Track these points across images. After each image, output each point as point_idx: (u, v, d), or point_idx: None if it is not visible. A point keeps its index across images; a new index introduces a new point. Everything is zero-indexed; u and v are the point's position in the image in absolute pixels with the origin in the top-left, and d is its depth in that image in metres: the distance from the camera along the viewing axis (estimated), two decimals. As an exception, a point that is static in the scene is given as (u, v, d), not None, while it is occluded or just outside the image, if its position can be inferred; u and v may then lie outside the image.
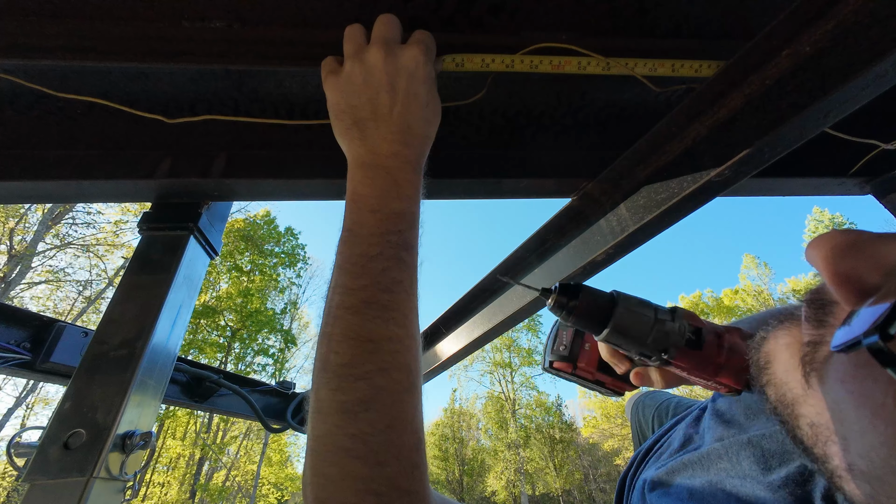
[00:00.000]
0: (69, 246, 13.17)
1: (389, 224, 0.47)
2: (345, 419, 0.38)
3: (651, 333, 0.45)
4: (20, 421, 14.15)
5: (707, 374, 0.45)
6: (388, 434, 0.38)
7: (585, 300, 0.46)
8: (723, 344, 0.45)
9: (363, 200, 0.48)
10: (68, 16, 0.54)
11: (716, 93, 0.51)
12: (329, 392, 0.40)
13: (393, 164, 0.50)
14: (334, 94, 0.52)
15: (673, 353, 0.45)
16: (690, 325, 0.46)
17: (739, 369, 0.44)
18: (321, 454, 0.39)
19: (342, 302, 0.44)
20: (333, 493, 0.37)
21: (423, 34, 0.53)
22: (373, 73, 0.50)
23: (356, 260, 0.45)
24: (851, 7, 0.40)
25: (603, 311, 0.46)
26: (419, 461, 0.39)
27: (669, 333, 0.45)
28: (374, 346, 0.41)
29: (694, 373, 0.46)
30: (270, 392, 1.56)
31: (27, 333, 1.01)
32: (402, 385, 0.41)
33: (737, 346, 0.45)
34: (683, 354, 0.45)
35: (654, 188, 0.59)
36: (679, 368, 0.46)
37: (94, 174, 0.70)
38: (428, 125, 0.53)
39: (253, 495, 15.99)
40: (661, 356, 0.45)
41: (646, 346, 0.45)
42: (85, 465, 0.59)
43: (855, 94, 0.41)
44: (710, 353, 0.45)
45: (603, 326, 0.45)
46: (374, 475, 0.37)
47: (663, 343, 0.45)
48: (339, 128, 0.53)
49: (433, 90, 0.53)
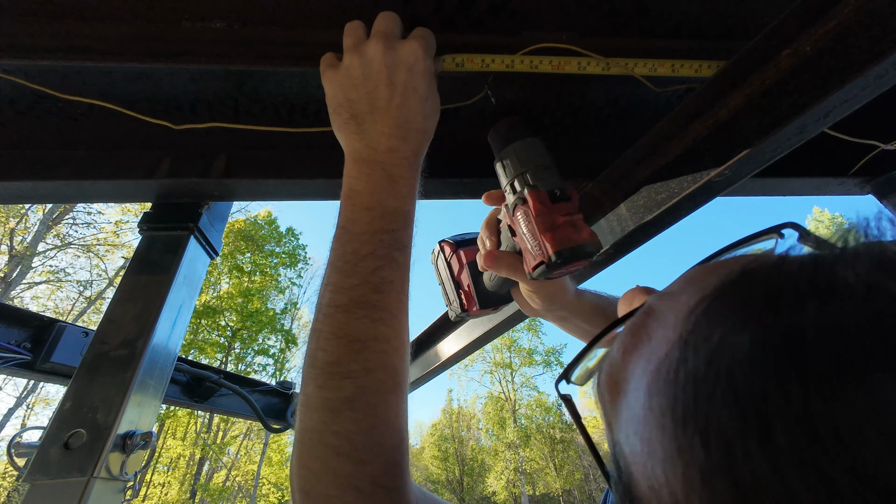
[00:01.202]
0: (70, 246, 13.17)
1: (383, 222, 0.47)
2: (330, 416, 0.40)
3: (535, 162, 0.53)
4: (21, 421, 14.16)
5: (542, 226, 0.49)
6: (370, 433, 0.39)
7: (512, 122, 0.56)
8: (572, 218, 0.49)
9: (358, 197, 0.48)
10: (68, 16, 0.54)
11: (716, 93, 0.51)
12: (316, 388, 0.41)
13: (390, 161, 0.49)
14: (332, 87, 0.52)
15: (538, 186, 0.51)
16: (567, 189, 0.52)
17: (563, 241, 0.48)
18: (307, 448, 0.40)
19: (332, 300, 0.44)
20: (316, 485, 0.38)
21: (423, 31, 0.52)
22: (371, 66, 0.49)
23: (348, 258, 0.46)
24: (852, 7, 0.40)
25: (517, 133, 0.55)
26: (401, 459, 0.40)
27: (547, 173, 0.52)
28: (362, 345, 0.42)
29: (533, 218, 0.49)
30: (271, 392, 1.56)
31: (28, 333, 1.02)
32: (386, 385, 0.42)
33: (579, 225, 0.49)
34: (540, 197, 0.50)
35: (654, 188, 0.59)
36: (524, 210, 0.51)
37: (94, 174, 0.70)
38: (426, 120, 0.53)
39: (253, 495, 15.99)
40: (527, 185, 0.52)
41: (527, 167, 0.53)
42: (85, 465, 0.59)
43: (855, 94, 0.41)
44: (557, 212, 0.50)
45: (508, 143, 0.55)
46: (356, 472, 0.38)
47: (539, 176, 0.52)
48: (337, 122, 0.52)
49: (433, 85, 0.53)
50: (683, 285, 0.25)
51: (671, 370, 0.19)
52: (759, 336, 0.16)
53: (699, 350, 0.18)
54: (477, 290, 0.69)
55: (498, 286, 0.67)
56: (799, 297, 0.16)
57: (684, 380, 0.18)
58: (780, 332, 0.16)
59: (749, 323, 0.17)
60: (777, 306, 0.17)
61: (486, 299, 0.70)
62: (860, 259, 0.17)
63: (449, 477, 23.43)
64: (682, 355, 0.19)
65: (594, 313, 0.68)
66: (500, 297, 0.70)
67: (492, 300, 0.70)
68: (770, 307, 0.17)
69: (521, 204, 0.51)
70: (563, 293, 0.64)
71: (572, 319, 0.69)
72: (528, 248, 0.51)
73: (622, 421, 0.22)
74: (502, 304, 0.72)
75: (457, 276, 0.71)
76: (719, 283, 0.21)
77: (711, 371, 0.17)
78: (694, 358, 0.18)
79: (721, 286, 0.20)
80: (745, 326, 0.17)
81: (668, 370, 0.19)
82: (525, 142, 0.55)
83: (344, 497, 0.37)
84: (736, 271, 0.20)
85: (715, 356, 0.17)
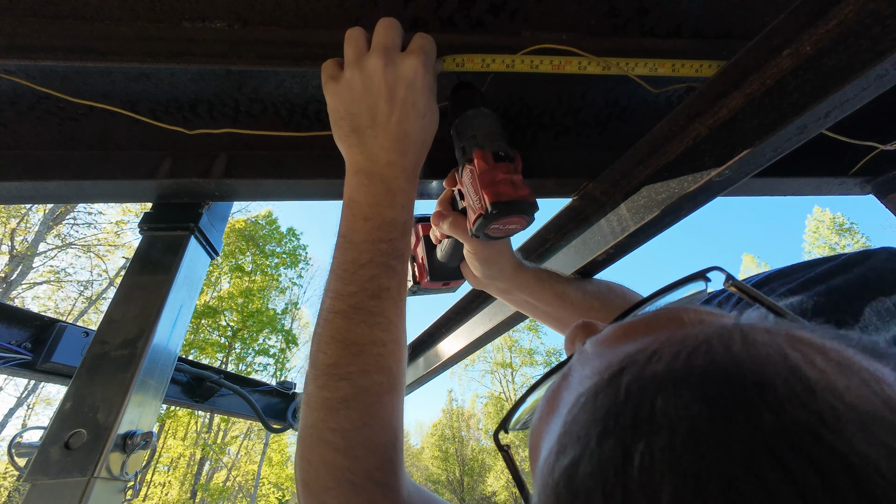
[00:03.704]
0: (70, 246, 13.19)
1: (381, 232, 0.50)
2: (328, 414, 0.42)
3: (485, 129, 0.56)
4: (21, 421, 14.17)
5: (483, 181, 0.52)
6: (365, 431, 0.42)
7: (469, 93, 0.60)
8: (512, 177, 0.53)
9: (358, 207, 0.51)
10: (69, 16, 0.54)
11: (716, 92, 0.51)
12: (316, 388, 0.44)
13: (389, 174, 0.51)
14: (334, 100, 0.53)
15: (485, 147, 0.54)
16: (512, 152, 0.55)
17: (501, 194, 0.51)
18: (307, 443, 0.43)
19: (332, 306, 0.47)
20: (315, 477, 0.41)
21: (424, 40, 0.52)
22: (372, 81, 0.50)
23: (347, 266, 0.48)
24: (852, 7, 0.40)
25: (473, 103, 0.58)
26: (394, 456, 0.43)
27: (495, 138, 0.55)
28: (359, 349, 0.45)
29: (477, 175, 0.53)
30: (271, 392, 1.56)
31: (28, 333, 1.02)
32: (382, 387, 0.44)
33: (518, 183, 0.52)
34: (485, 156, 0.54)
35: (655, 188, 0.59)
36: (469, 169, 0.55)
37: (95, 174, 0.70)
38: (424, 133, 0.54)
39: (254, 495, 15.99)
40: (475, 146, 0.55)
41: (477, 132, 0.56)
42: (86, 465, 0.59)
43: (856, 93, 0.41)
44: (499, 170, 0.53)
45: (464, 109, 0.58)
46: (351, 466, 0.40)
47: (487, 140, 0.55)
48: (338, 133, 0.54)
49: (431, 99, 0.54)
50: (598, 349, 0.26)
51: (549, 463, 0.19)
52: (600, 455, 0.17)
53: (565, 453, 0.19)
54: (429, 262, 0.74)
55: (448, 256, 0.71)
56: (630, 426, 0.17)
57: (557, 477, 0.18)
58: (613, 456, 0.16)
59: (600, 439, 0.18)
60: (614, 431, 0.17)
61: (436, 271, 0.74)
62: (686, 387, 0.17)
63: (449, 477, 23.43)
64: (559, 448, 0.19)
65: (539, 286, 0.71)
66: (451, 270, 0.74)
67: (442, 273, 0.74)
68: (609, 431, 0.17)
69: (468, 163, 0.55)
70: (500, 258, 0.67)
71: (515, 293, 0.72)
72: (471, 203, 0.55)
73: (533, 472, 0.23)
74: (453, 281, 0.76)
75: (413, 249, 0.76)
76: (597, 380, 0.21)
77: (569, 483, 0.17)
78: (562, 458, 0.19)
79: (595, 388, 0.21)
80: (599, 441, 0.17)
81: (547, 462, 0.20)
82: (479, 110, 0.58)
83: (340, 489, 0.40)
84: (615, 366, 0.21)
85: (570, 468, 0.18)
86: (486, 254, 0.66)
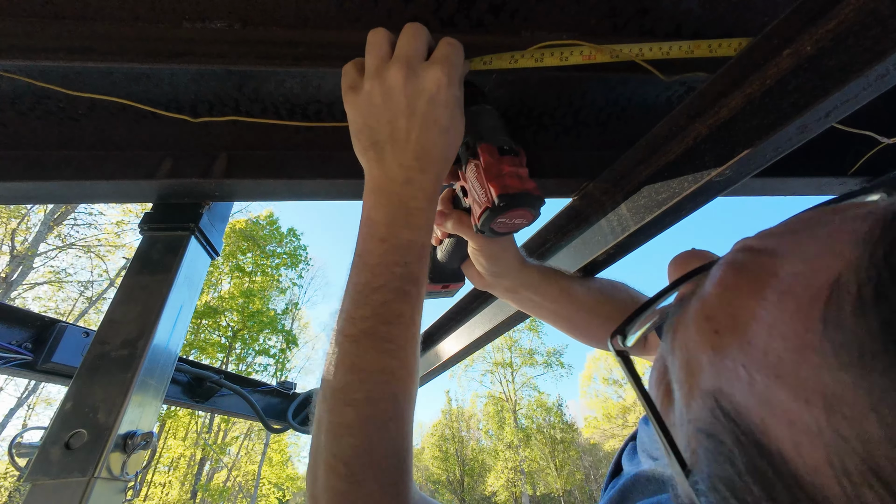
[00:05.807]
0: (71, 246, 13.19)
1: (397, 255, 0.47)
2: (331, 439, 0.42)
3: (489, 124, 0.56)
4: (22, 421, 14.17)
5: (489, 174, 0.52)
6: (367, 457, 0.41)
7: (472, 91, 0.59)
8: (518, 170, 0.53)
9: (375, 227, 0.49)
10: (69, 17, 0.54)
11: (716, 92, 0.51)
12: (325, 410, 0.44)
13: (407, 192, 0.49)
14: (353, 112, 0.51)
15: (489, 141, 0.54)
16: (516, 146, 0.55)
17: (507, 186, 0.51)
18: (314, 460, 0.44)
19: (343, 328, 0.46)
20: (321, 494, 0.42)
21: (449, 48, 0.50)
22: (392, 95, 0.48)
23: (361, 288, 0.47)
24: (853, 6, 0.40)
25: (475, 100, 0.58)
26: (398, 479, 0.42)
27: (499, 133, 0.56)
28: (367, 375, 0.44)
29: (482, 169, 0.53)
30: (271, 392, 1.56)
31: (29, 334, 1.02)
32: (387, 414, 0.43)
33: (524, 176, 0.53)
34: (489, 150, 0.53)
35: (655, 188, 0.59)
36: (474, 164, 0.54)
37: (95, 175, 0.70)
38: (447, 148, 0.51)
39: (254, 495, 15.99)
40: (479, 140, 0.55)
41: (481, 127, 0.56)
42: (86, 465, 0.59)
43: (856, 93, 0.41)
44: (505, 163, 0.53)
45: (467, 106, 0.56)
46: (352, 490, 0.41)
47: (491, 135, 0.55)
48: (358, 147, 0.52)
49: (455, 112, 0.51)
50: (798, 226, 0.24)
51: (864, 295, 0.17)
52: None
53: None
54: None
55: (449, 256, 0.70)
56: None
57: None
58: None
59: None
60: None
61: (437, 273, 0.73)
62: None
63: (449, 477, 23.42)
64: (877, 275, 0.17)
65: (544, 283, 0.70)
66: (450, 272, 0.73)
67: (441, 275, 0.73)
68: None
69: (473, 158, 0.55)
70: (505, 254, 0.66)
71: (521, 291, 0.71)
72: (476, 198, 0.54)
73: (739, 365, 0.21)
74: (453, 283, 0.75)
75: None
76: (875, 219, 0.19)
77: None
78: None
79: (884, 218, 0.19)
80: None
81: (851, 297, 0.17)
82: (482, 107, 0.58)
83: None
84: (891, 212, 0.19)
85: None
86: (492, 249, 0.65)
